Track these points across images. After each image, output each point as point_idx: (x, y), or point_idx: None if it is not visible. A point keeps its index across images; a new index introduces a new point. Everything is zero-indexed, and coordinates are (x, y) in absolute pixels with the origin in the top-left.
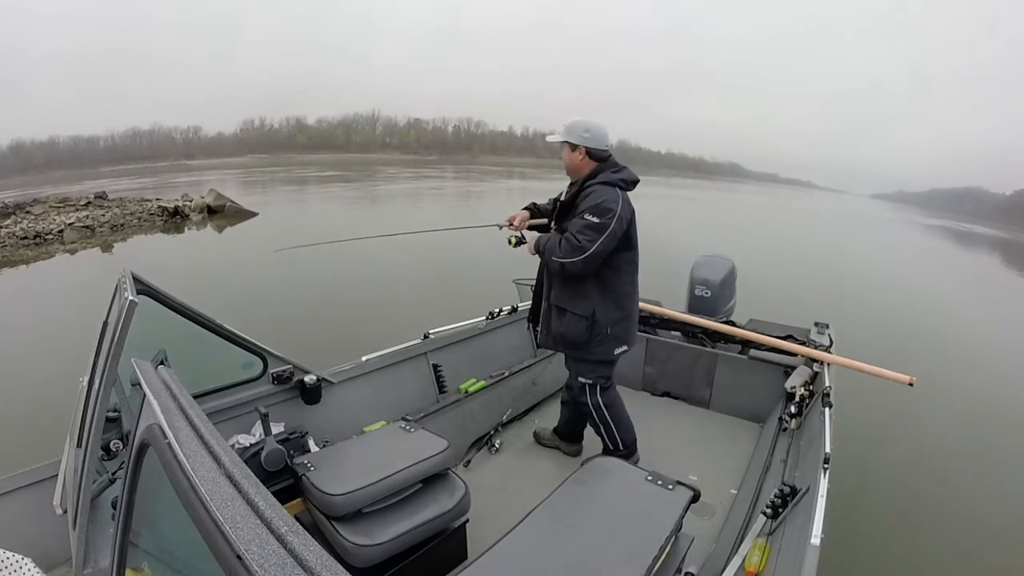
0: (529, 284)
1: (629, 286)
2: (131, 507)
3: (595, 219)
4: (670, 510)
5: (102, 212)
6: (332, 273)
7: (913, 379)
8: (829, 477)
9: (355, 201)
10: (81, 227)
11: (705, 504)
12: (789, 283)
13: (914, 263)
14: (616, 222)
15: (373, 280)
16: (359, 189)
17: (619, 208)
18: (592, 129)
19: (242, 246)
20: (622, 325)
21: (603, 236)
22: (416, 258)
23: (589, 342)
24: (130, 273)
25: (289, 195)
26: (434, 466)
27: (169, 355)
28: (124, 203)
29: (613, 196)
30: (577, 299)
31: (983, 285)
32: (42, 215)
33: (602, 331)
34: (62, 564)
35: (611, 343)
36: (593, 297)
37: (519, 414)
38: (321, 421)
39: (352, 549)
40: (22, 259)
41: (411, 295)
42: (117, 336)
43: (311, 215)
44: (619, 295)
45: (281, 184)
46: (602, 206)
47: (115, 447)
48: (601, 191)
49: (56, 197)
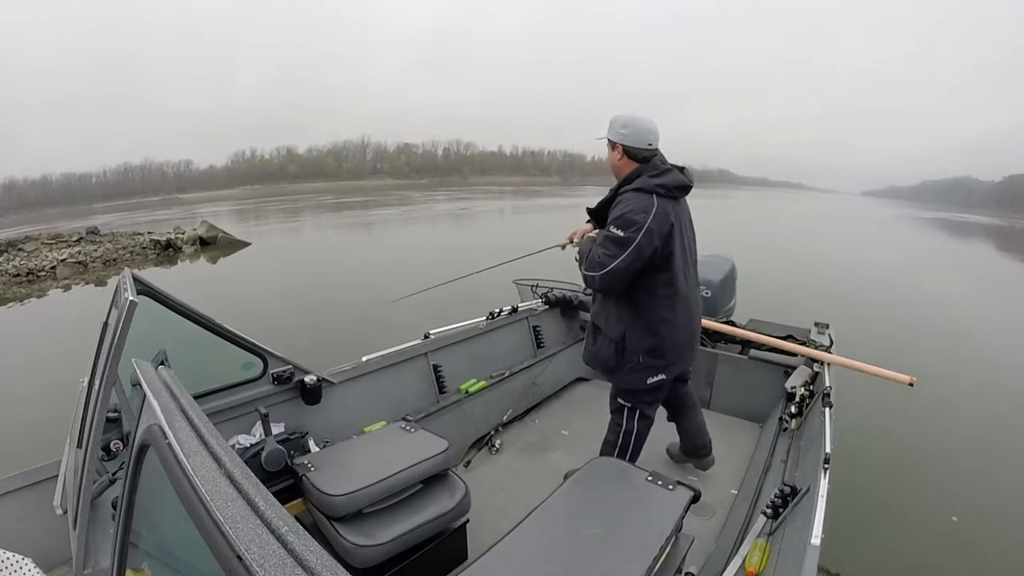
0: (529, 284)
1: (667, 310)
2: (131, 507)
3: (619, 232)
4: (670, 510)
5: (94, 247)
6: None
7: (913, 379)
8: (829, 477)
9: (348, 227)
10: (74, 263)
11: (705, 504)
12: (789, 283)
13: (912, 260)
14: (644, 236)
15: (373, 285)
16: (353, 216)
17: (648, 220)
18: (630, 124)
19: (240, 275)
20: (656, 353)
21: (626, 252)
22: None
23: (619, 368)
24: (130, 273)
25: (282, 224)
26: (434, 466)
27: (169, 355)
28: (116, 237)
29: (643, 206)
30: (611, 320)
31: (980, 277)
32: (34, 252)
33: (633, 358)
34: (62, 564)
35: (643, 372)
36: (624, 320)
37: (519, 414)
38: (321, 421)
39: (352, 549)
40: (15, 296)
41: (411, 296)
42: (117, 336)
43: (305, 242)
44: (652, 319)
45: (275, 215)
46: (627, 217)
47: (115, 447)
48: (630, 200)
49: (48, 233)
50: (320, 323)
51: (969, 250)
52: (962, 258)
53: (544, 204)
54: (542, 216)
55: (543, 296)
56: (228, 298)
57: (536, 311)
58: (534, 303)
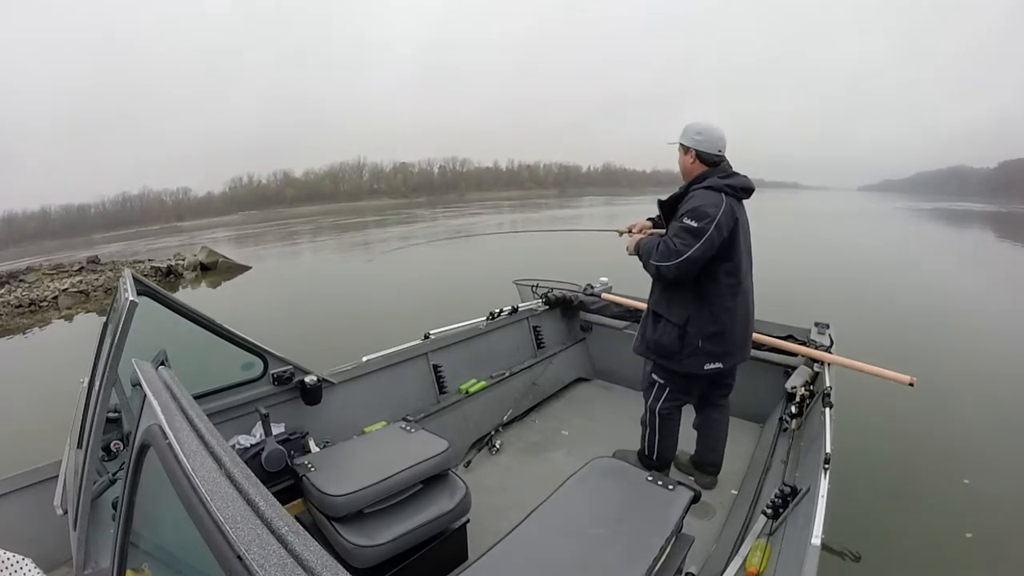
0: (529, 285)
1: (729, 300)
2: (132, 508)
3: (693, 223)
4: (671, 510)
5: (95, 276)
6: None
7: (914, 379)
8: (829, 477)
9: (348, 247)
10: (75, 292)
11: (706, 504)
12: (788, 283)
13: (912, 254)
14: (715, 228)
15: (375, 290)
16: (352, 236)
17: (719, 214)
18: (704, 132)
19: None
20: (716, 340)
21: (700, 241)
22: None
23: (679, 352)
24: (130, 274)
25: (281, 248)
26: (434, 467)
27: (169, 355)
28: (117, 266)
29: (714, 201)
30: (674, 307)
31: (982, 265)
32: (36, 283)
33: (694, 343)
34: (62, 564)
35: (702, 357)
36: (689, 306)
37: (519, 415)
38: (321, 422)
39: (353, 550)
40: (18, 327)
41: (412, 297)
42: (118, 337)
43: (303, 264)
44: (716, 307)
45: (273, 239)
46: (700, 210)
47: (115, 448)
48: (702, 195)
49: (49, 264)
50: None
51: (969, 239)
52: (964, 248)
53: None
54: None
55: (543, 296)
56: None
57: (536, 311)
58: (534, 303)
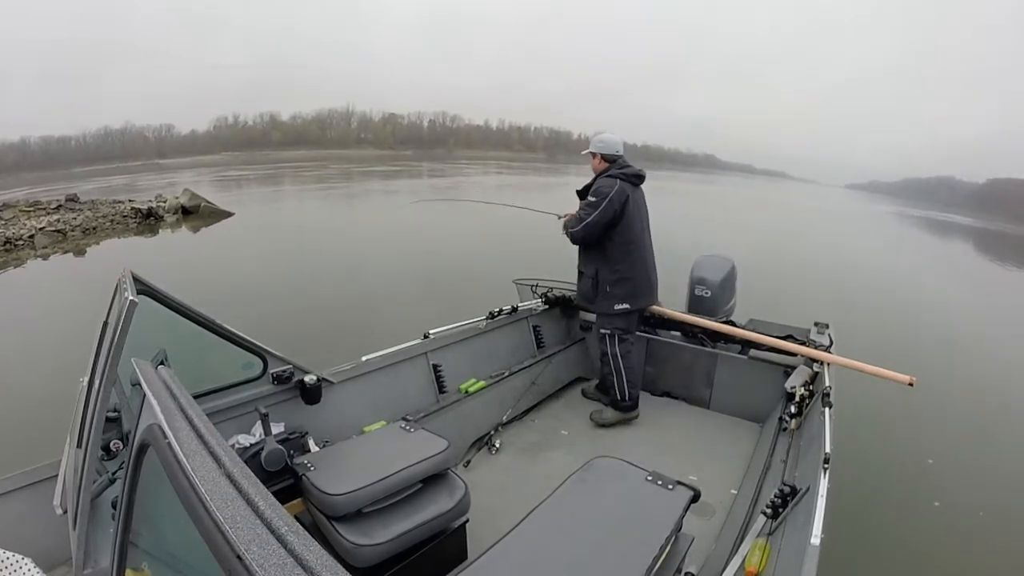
0: (529, 284)
1: (626, 256)
2: (131, 507)
3: (593, 198)
4: (670, 510)
5: (74, 215)
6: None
7: (913, 379)
8: (829, 477)
9: (331, 199)
10: (52, 231)
11: (705, 504)
12: (787, 283)
13: (907, 259)
14: (608, 202)
15: (372, 281)
16: (336, 187)
17: (612, 192)
18: (605, 141)
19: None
20: (619, 286)
21: (596, 211)
22: (415, 262)
23: (596, 296)
24: (130, 273)
25: (265, 194)
26: (434, 466)
27: (169, 355)
28: (96, 205)
29: (610, 184)
30: (588, 262)
31: (972, 276)
32: (12, 220)
33: (603, 289)
34: (62, 564)
35: (611, 299)
36: (597, 261)
37: (519, 414)
38: (321, 421)
39: (352, 549)
40: None
41: (411, 296)
42: (117, 336)
43: (287, 213)
44: (613, 260)
45: (256, 183)
46: (599, 190)
47: (115, 447)
48: (601, 181)
49: (26, 201)
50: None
51: (958, 250)
52: (954, 258)
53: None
54: None
55: (543, 296)
56: None
57: (536, 311)
58: (534, 303)
